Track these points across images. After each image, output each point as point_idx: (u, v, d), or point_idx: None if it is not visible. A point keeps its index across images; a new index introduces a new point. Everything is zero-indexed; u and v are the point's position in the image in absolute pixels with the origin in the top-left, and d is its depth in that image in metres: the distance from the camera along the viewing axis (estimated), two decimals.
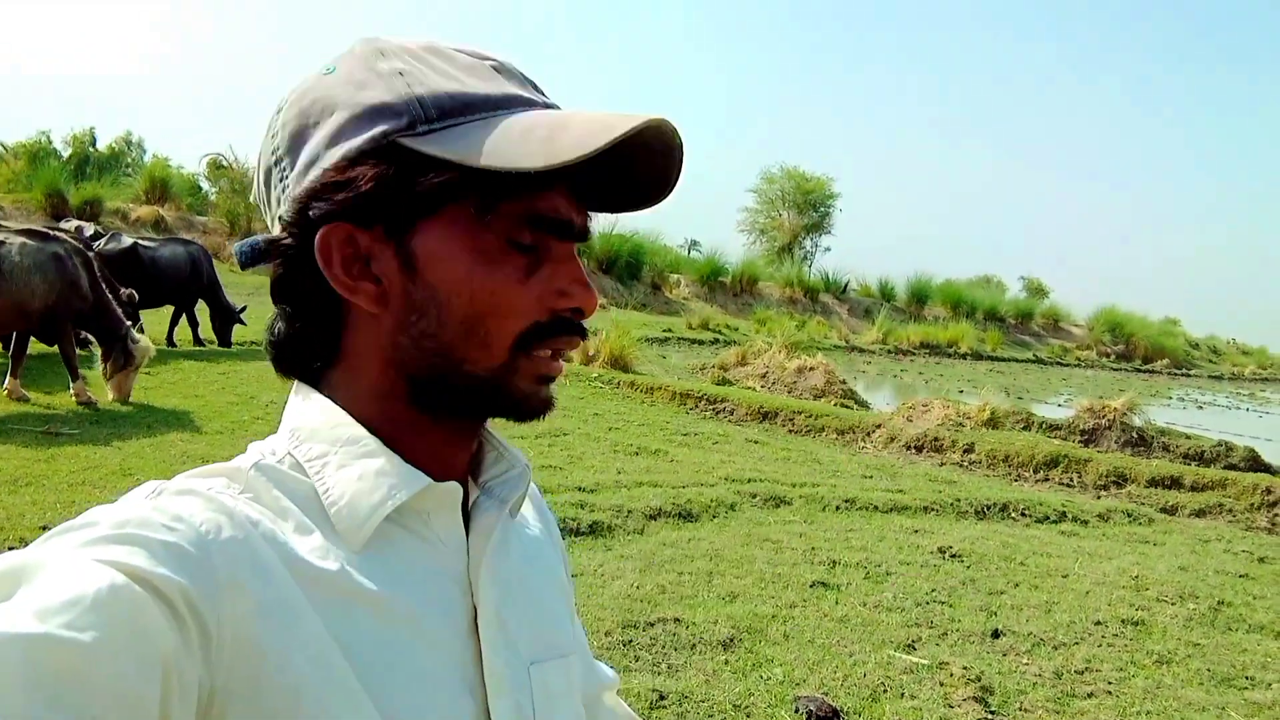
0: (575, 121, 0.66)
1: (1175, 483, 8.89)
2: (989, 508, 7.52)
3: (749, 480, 7.35)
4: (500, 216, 0.68)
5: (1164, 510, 8.43)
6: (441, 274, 0.69)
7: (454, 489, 0.73)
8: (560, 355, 0.74)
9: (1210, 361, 44.89)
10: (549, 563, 0.88)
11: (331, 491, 0.69)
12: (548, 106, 0.72)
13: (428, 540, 0.72)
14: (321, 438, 0.71)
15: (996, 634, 4.71)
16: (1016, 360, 31.18)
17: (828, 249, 42.30)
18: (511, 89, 0.71)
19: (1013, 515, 7.48)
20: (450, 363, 0.71)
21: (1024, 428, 11.22)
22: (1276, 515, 8.38)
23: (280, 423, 0.76)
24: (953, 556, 6.00)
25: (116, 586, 0.51)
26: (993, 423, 10.43)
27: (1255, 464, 10.77)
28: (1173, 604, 5.56)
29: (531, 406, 0.74)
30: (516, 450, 0.82)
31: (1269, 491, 8.60)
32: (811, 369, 14.05)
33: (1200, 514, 8.45)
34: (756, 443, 9.25)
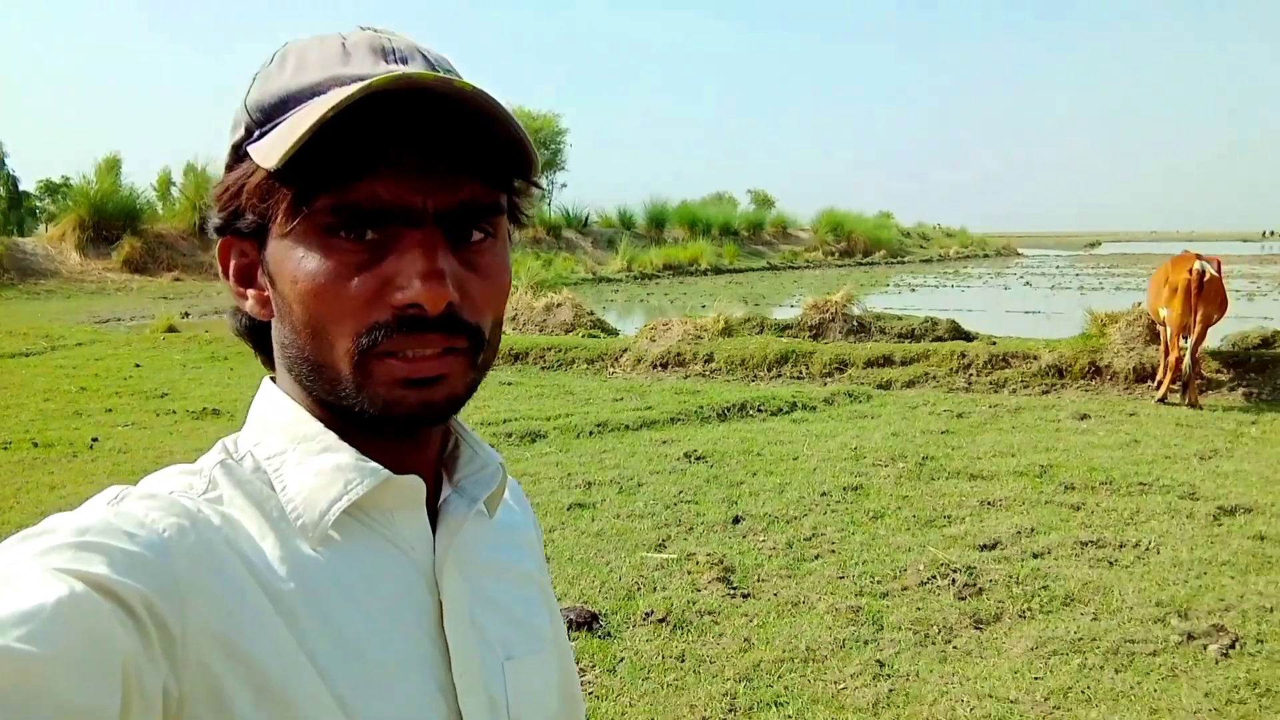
0: (324, 100, 0.63)
1: (887, 361, 9.89)
2: (729, 409, 8.11)
3: (504, 421, 7.53)
4: (317, 212, 0.65)
5: (880, 386, 9.38)
6: (282, 278, 0.68)
7: (415, 483, 0.71)
8: (413, 361, 0.67)
9: (921, 247, 49.22)
10: (525, 559, 0.86)
11: (289, 489, 0.68)
12: (365, 79, 0.63)
13: (391, 538, 0.71)
14: (281, 434, 0.71)
15: (737, 520, 5.18)
16: (753, 270, 32.96)
17: (564, 185, 42.68)
18: (344, 68, 0.67)
19: (750, 412, 8.10)
20: (313, 370, 0.69)
21: (758, 331, 12.04)
22: (971, 376, 9.54)
23: (246, 419, 0.75)
24: (698, 459, 6.48)
25: (75, 595, 0.51)
26: (728, 331, 11.13)
27: (957, 333, 12.12)
28: (886, 466, 6.30)
29: (397, 415, 0.67)
30: (490, 449, 0.80)
31: (964, 355, 9.76)
32: (559, 305, 14.31)
33: (910, 384, 9.48)
34: (510, 384, 9.42)
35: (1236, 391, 8.83)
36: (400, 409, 0.67)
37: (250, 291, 0.72)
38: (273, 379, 0.76)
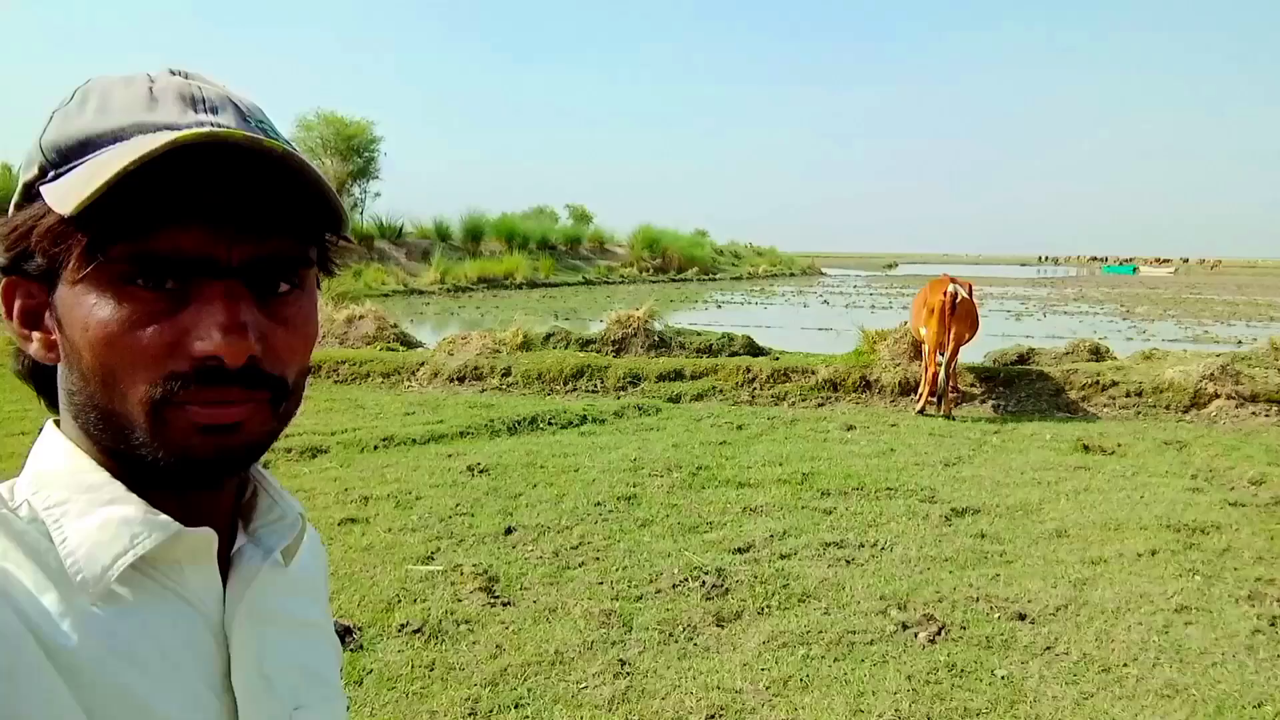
0: (128, 149, 0.61)
1: (678, 375, 10.28)
2: (520, 423, 8.23)
3: (286, 435, 7.36)
4: (113, 260, 0.62)
5: (670, 400, 9.75)
6: (73, 324, 0.65)
7: (207, 536, 0.69)
8: (211, 407, 0.65)
9: (733, 265, 50.92)
10: (315, 609, 0.85)
11: (69, 542, 0.64)
12: (173, 128, 0.64)
13: (179, 592, 0.68)
14: (63, 483, 0.67)
15: (509, 530, 5.30)
16: (568, 284, 33.27)
17: (378, 194, 41.74)
18: (150, 115, 0.65)
19: (541, 426, 8.25)
20: (102, 418, 0.66)
21: (563, 346, 12.24)
22: (755, 389, 10.04)
23: (24, 466, 0.71)
24: (481, 472, 6.56)
25: None
26: (526, 345, 11.27)
27: (752, 349, 12.69)
28: (661, 476, 6.57)
29: (192, 463, 0.65)
30: (291, 499, 0.79)
31: (749, 370, 10.26)
32: (361, 317, 14.05)
33: (699, 398, 9.89)
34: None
35: (987, 404, 9.69)
36: (196, 456, 0.65)
37: (36, 334, 0.69)
38: (56, 423, 0.72)
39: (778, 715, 3.32)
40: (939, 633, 4.08)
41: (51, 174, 0.65)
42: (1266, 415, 9.21)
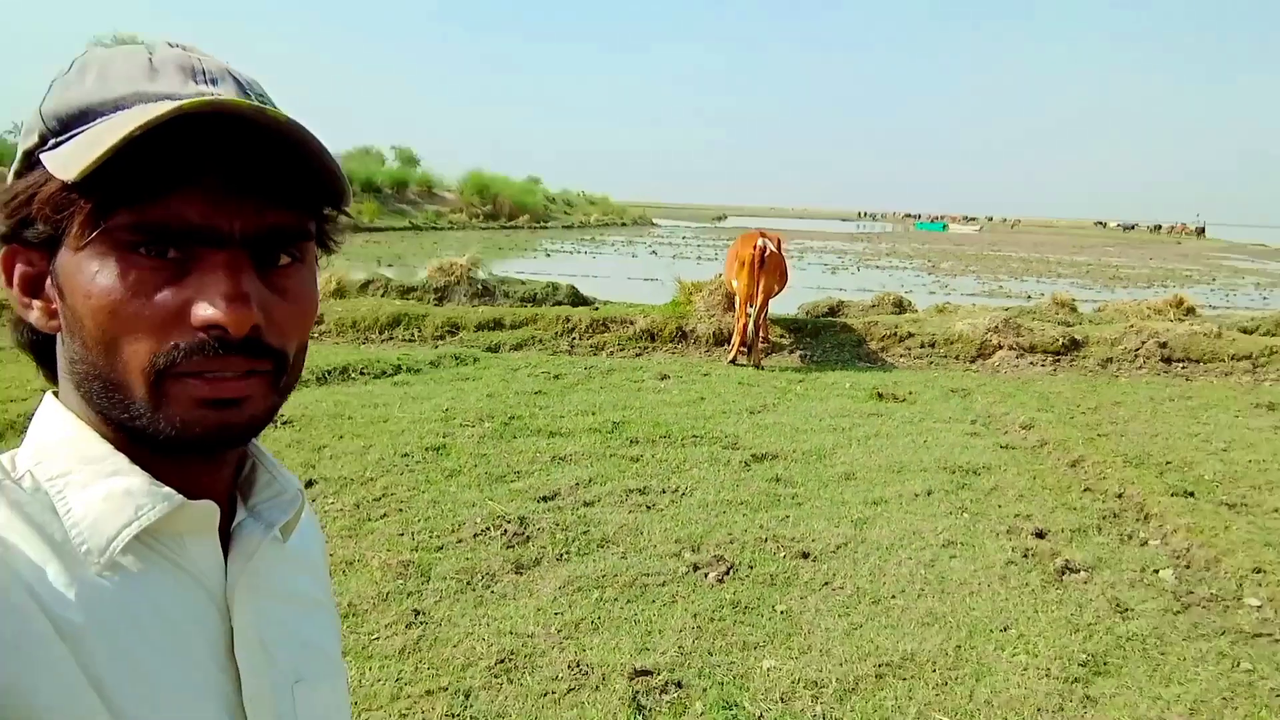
0: (130, 117, 0.61)
1: (498, 324, 10.24)
2: (330, 373, 8.01)
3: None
4: (117, 228, 0.62)
5: (489, 349, 9.70)
6: (75, 292, 0.64)
7: (209, 509, 0.70)
8: (213, 380, 0.65)
9: (565, 213, 50.82)
10: (315, 585, 0.86)
11: (74, 513, 0.65)
12: (173, 98, 0.64)
13: (181, 564, 0.69)
14: (64, 455, 0.67)
15: (309, 484, 5.18)
16: (394, 229, 32.36)
17: None
18: (150, 85, 0.65)
19: (353, 376, 8.06)
20: (105, 388, 0.66)
21: (381, 293, 11.93)
22: (574, 339, 10.12)
23: (25, 436, 0.71)
24: (284, 424, 6.35)
25: None
26: (340, 293, 10.93)
27: (576, 299, 12.75)
28: (473, 426, 6.56)
29: (194, 436, 0.65)
30: (289, 474, 0.80)
31: (568, 320, 10.32)
32: None
33: (518, 347, 9.89)
34: None
35: (795, 354, 10.12)
36: (198, 430, 0.65)
37: (36, 302, 0.69)
38: (55, 394, 0.72)
39: (566, 657, 3.42)
40: (727, 572, 4.28)
41: (52, 142, 0.65)
42: (1042, 365, 10.03)
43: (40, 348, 0.73)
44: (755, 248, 9.17)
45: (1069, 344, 10.39)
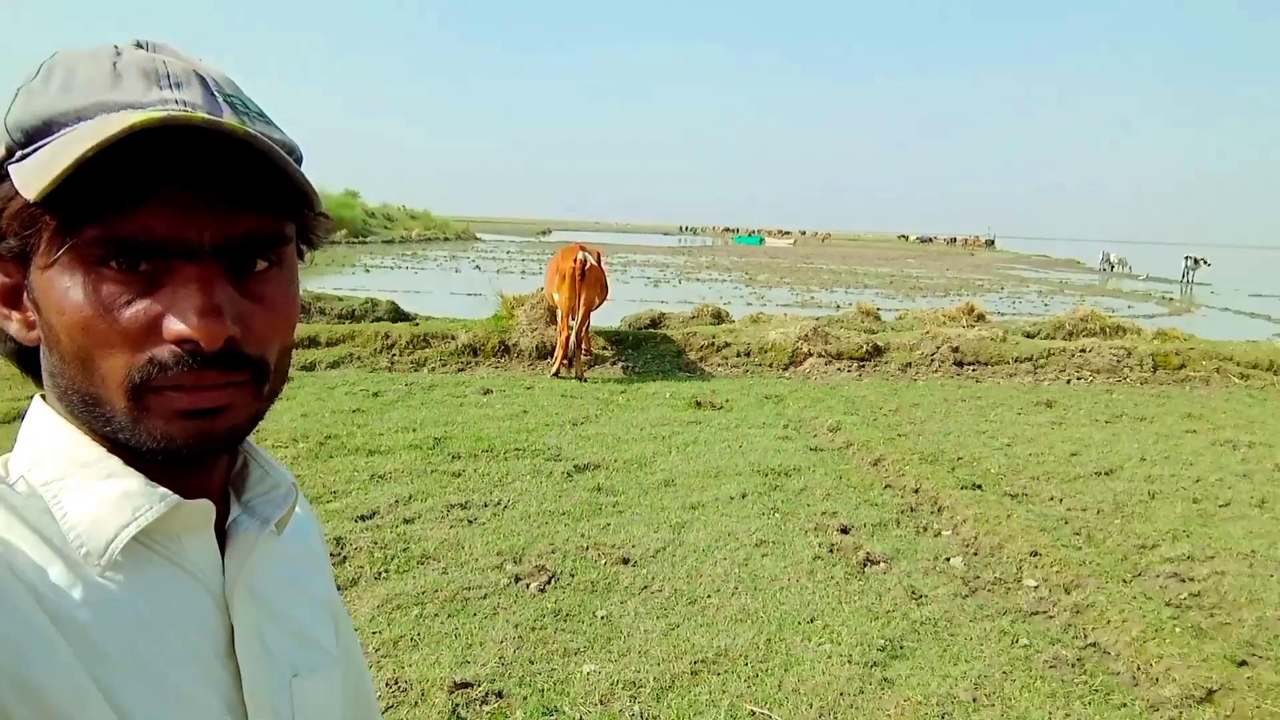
0: (89, 131, 0.60)
1: (313, 342, 9.91)
2: None
3: None
4: (85, 244, 0.61)
5: (304, 368, 9.37)
6: (48, 308, 0.64)
7: (205, 507, 0.69)
8: (192, 391, 0.64)
9: (385, 227, 49.60)
10: (312, 577, 0.86)
11: (70, 516, 0.64)
12: (135, 106, 0.63)
13: (179, 563, 0.69)
14: (58, 459, 0.67)
15: None
16: None
17: None
18: (112, 93, 0.63)
19: None
20: (85, 402, 0.65)
21: None
22: (394, 355, 9.93)
23: (15, 441, 0.70)
24: None
25: None
26: None
27: (397, 314, 12.48)
28: (286, 447, 6.34)
29: (174, 449, 0.65)
30: (282, 469, 0.79)
31: (388, 336, 10.12)
32: None
33: (335, 365, 9.60)
34: None
35: (617, 365, 10.29)
36: (179, 442, 0.64)
37: (15, 314, 0.67)
38: (44, 397, 0.70)
39: (384, 675, 3.37)
40: (549, 582, 4.33)
41: (19, 154, 0.63)
42: (849, 370, 10.59)
43: (25, 357, 0.72)
44: (575, 261, 9.27)
45: (872, 350, 11.02)
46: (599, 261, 9.74)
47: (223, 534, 0.74)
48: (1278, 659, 3.92)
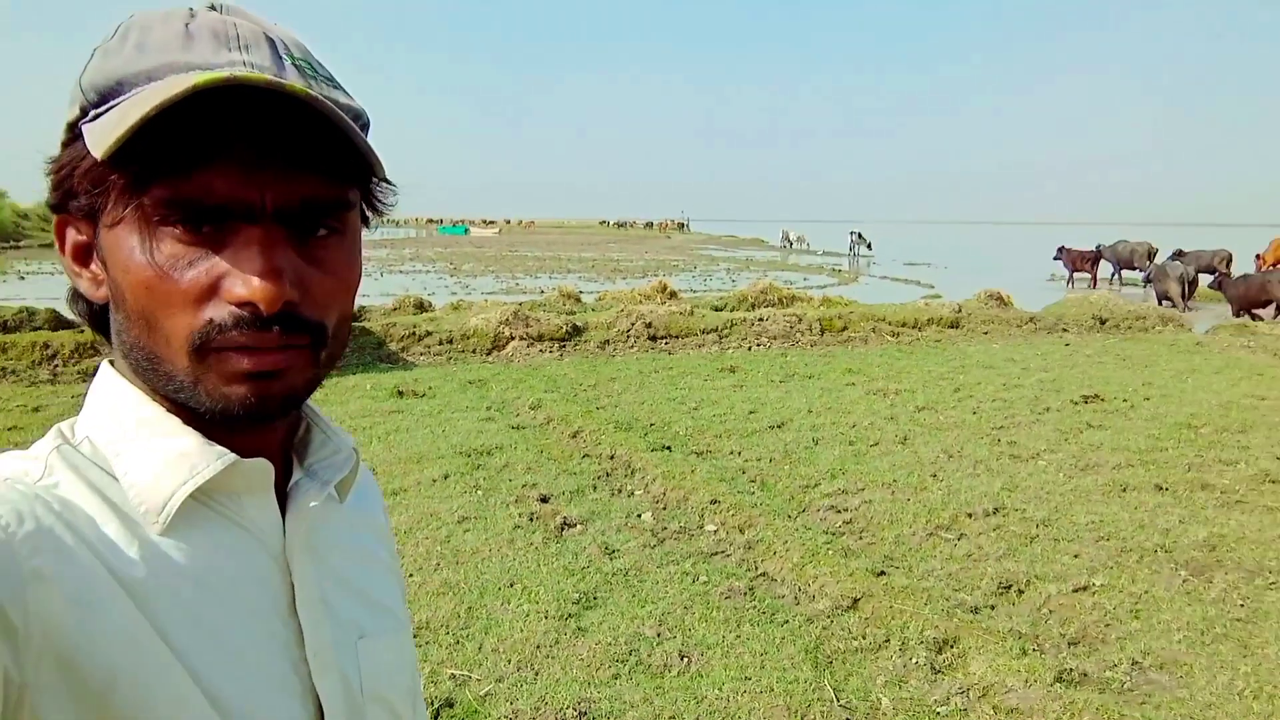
0: (155, 92, 0.59)
1: None
2: None
3: None
4: (150, 203, 0.61)
5: None
6: (114, 266, 0.64)
7: (263, 466, 0.69)
8: (251, 353, 0.63)
9: (43, 230, 44.42)
10: (375, 544, 0.86)
11: (131, 474, 0.65)
12: (204, 68, 0.62)
13: (238, 522, 0.69)
14: (120, 419, 0.68)
15: None
16: None
17: None
18: (183, 54, 0.63)
19: None
20: (148, 360, 0.65)
21: None
22: (57, 367, 9.06)
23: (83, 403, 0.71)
24: None
25: None
26: None
27: (59, 323, 11.30)
28: None
29: (232, 409, 0.65)
30: (344, 434, 0.79)
31: (48, 347, 9.21)
32: None
33: None
34: None
35: None
36: (237, 403, 0.64)
37: (85, 271, 0.68)
38: (110, 362, 0.71)
39: None
40: None
41: (91, 113, 0.63)
42: (550, 351, 10.91)
43: (98, 318, 0.72)
44: None
45: (572, 330, 11.41)
46: None
47: (284, 498, 0.73)
48: (909, 567, 4.59)
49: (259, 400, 0.65)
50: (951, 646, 3.70)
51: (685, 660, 3.61)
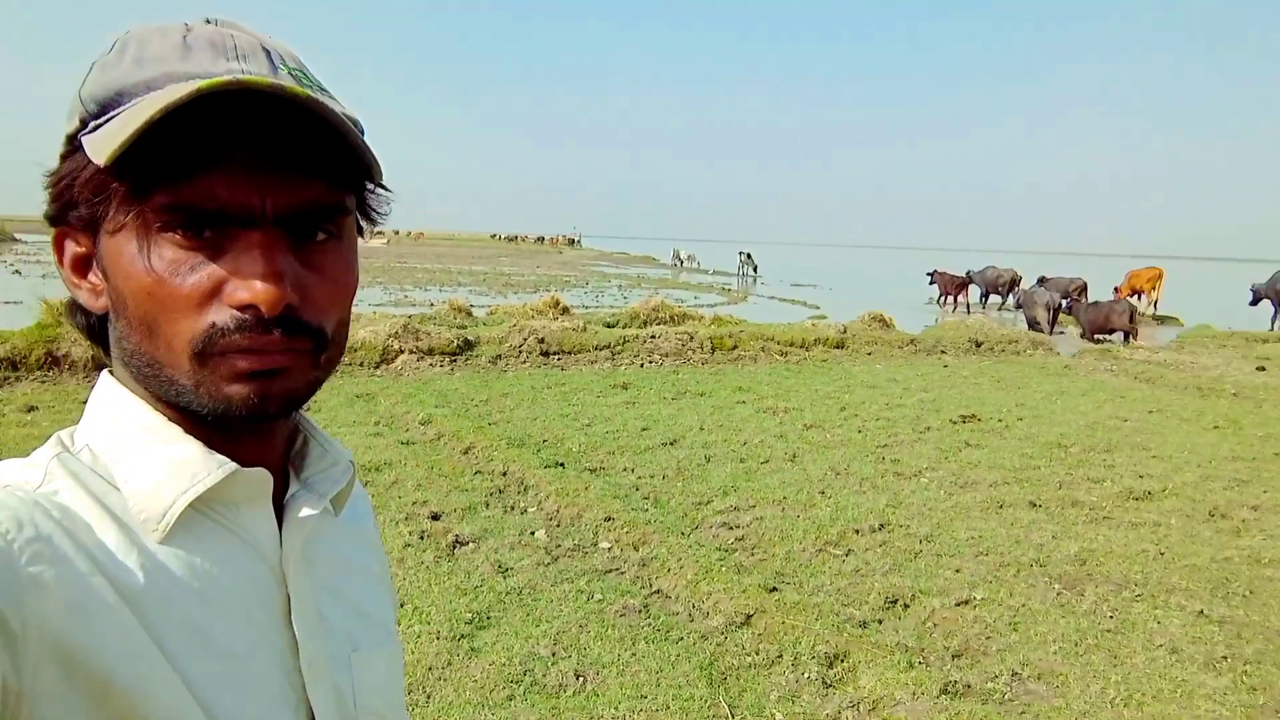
0: (156, 100, 0.60)
1: None
2: None
3: None
4: (151, 210, 0.62)
5: None
6: (116, 273, 0.65)
7: (262, 476, 0.70)
8: (252, 355, 0.64)
9: None
10: (368, 556, 0.86)
11: (131, 482, 0.66)
12: (202, 77, 0.62)
13: (236, 532, 0.69)
14: (120, 428, 0.68)
15: None
16: None
17: None
18: (182, 64, 0.64)
19: None
20: (151, 367, 0.66)
21: None
22: None
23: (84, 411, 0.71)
24: None
25: None
26: None
27: None
28: None
29: (233, 410, 0.65)
30: (341, 447, 0.80)
31: None
32: None
33: None
34: None
35: None
36: (236, 403, 0.65)
37: (84, 282, 0.69)
38: (110, 372, 0.72)
39: None
40: None
41: (91, 125, 0.64)
42: (441, 365, 10.74)
43: (96, 331, 0.72)
44: None
45: (463, 344, 11.26)
46: None
47: (281, 510, 0.74)
48: (799, 583, 4.66)
49: (260, 399, 0.66)
50: (842, 661, 3.78)
51: (581, 680, 3.58)
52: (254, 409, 0.66)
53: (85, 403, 0.71)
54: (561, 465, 6.57)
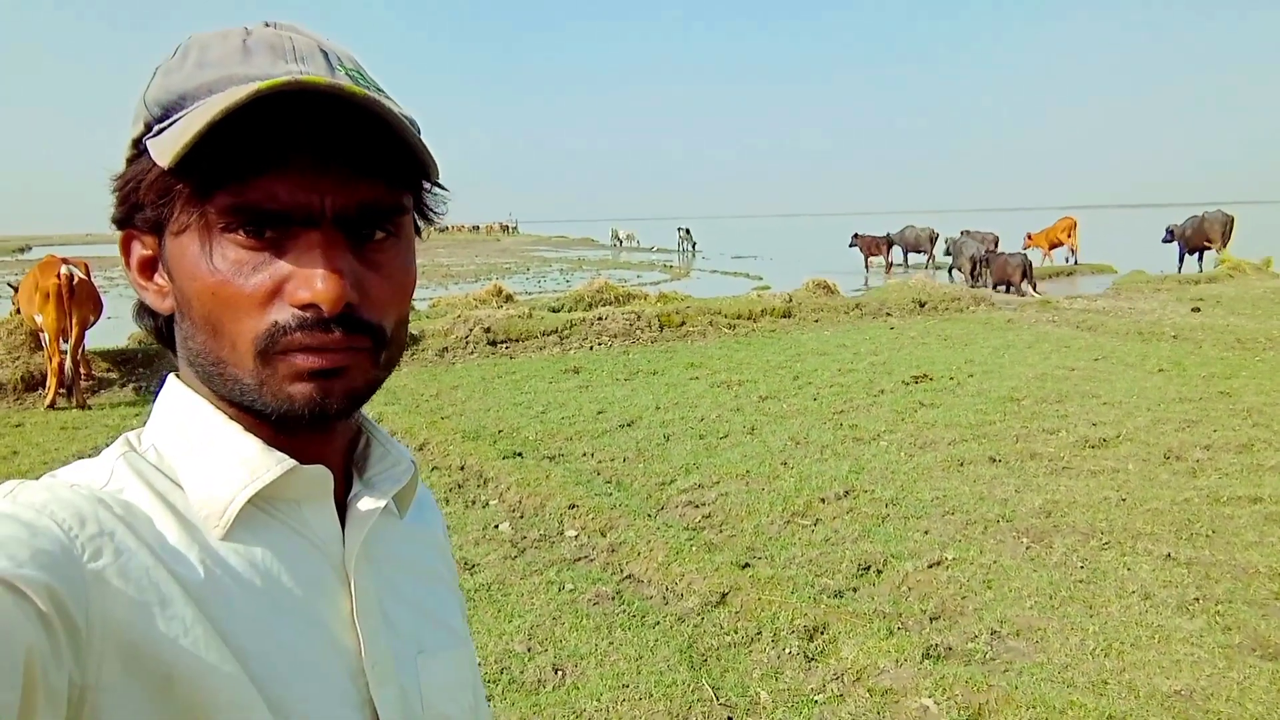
0: (217, 102, 0.61)
1: None
2: None
3: None
4: (214, 211, 0.63)
5: None
6: (180, 274, 0.66)
7: (321, 473, 0.70)
8: (314, 353, 0.64)
9: None
10: (435, 559, 0.86)
11: (192, 479, 0.66)
12: (262, 79, 0.61)
13: (298, 530, 0.70)
14: (185, 426, 0.69)
15: None
16: None
17: None
18: (242, 67, 0.65)
19: None
20: (216, 366, 0.67)
21: None
22: None
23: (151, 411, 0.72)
24: None
25: None
26: None
27: None
28: None
29: (295, 408, 0.65)
30: (402, 448, 0.80)
31: None
32: None
33: None
34: None
35: (128, 387, 9.26)
36: (298, 403, 0.65)
37: (151, 284, 0.70)
38: (176, 374, 0.73)
39: None
40: None
41: (156, 128, 0.65)
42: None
43: (163, 333, 0.73)
44: (60, 276, 8.13)
45: (408, 339, 11.03)
46: (87, 274, 8.65)
47: (344, 510, 0.74)
48: (771, 557, 4.62)
49: (322, 398, 0.66)
50: (822, 633, 3.74)
51: (559, 674, 3.49)
52: (316, 408, 0.66)
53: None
54: (520, 455, 6.45)
